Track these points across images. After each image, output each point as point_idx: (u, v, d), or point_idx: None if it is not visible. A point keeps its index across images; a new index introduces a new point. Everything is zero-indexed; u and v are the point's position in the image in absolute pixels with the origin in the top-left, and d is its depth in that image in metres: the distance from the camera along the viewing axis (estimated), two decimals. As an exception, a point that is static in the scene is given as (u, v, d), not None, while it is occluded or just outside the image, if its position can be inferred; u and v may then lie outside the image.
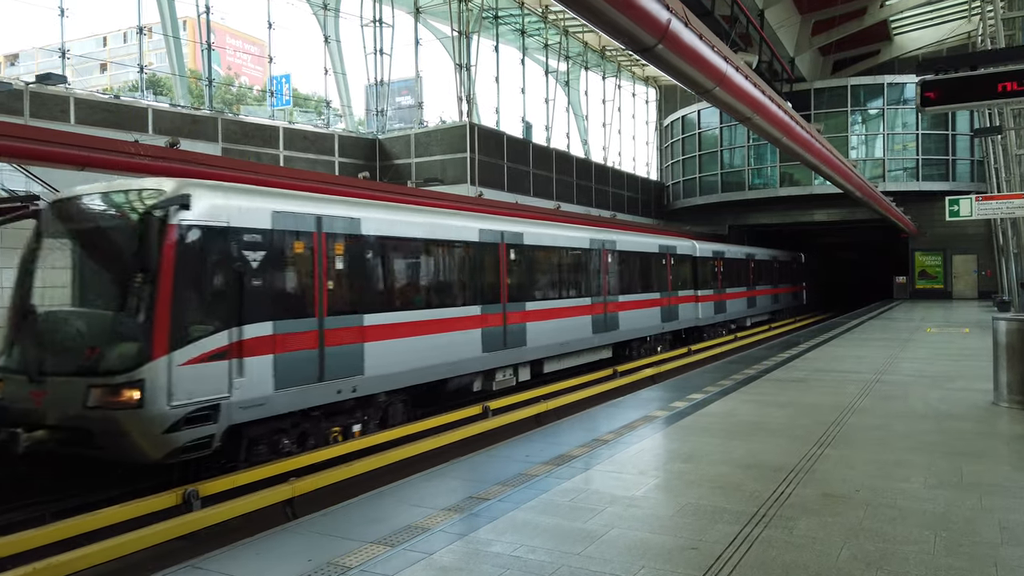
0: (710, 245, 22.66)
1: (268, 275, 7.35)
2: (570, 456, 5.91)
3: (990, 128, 18.56)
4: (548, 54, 33.09)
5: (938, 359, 12.18)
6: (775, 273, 30.72)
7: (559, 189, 31.28)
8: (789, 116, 10.43)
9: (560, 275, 13.03)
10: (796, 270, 35.12)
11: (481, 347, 10.82)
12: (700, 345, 21.72)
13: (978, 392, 8.73)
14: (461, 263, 10.68)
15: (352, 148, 27.13)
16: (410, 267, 9.74)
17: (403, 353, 9.15)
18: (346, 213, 8.51)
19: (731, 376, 10.57)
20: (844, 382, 9.73)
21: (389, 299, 9.16)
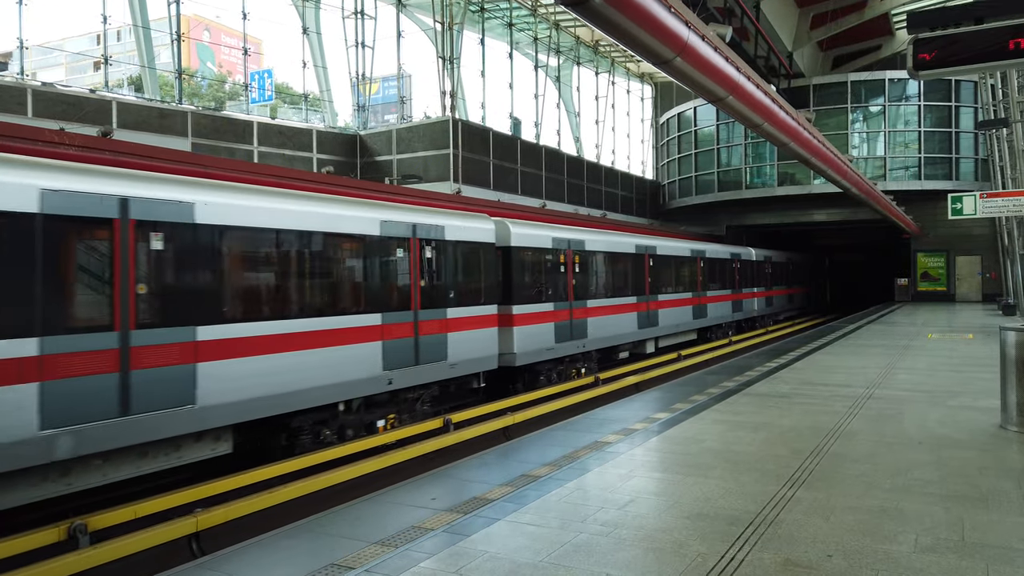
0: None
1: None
2: (485, 500, 4.86)
3: (996, 121, 17.48)
4: (537, 48, 32.05)
5: (939, 370, 11.09)
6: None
7: (549, 187, 30.26)
8: (764, 93, 9.39)
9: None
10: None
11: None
12: (689, 351, 20.75)
13: (983, 412, 7.65)
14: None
15: (331, 144, 26.14)
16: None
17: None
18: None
19: (707, 390, 9.51)
20: (832, 398, 8.66)
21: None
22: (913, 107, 32.50)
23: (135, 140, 14.96)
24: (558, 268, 12.95)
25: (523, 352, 12.01)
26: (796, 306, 34.93)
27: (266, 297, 7.77)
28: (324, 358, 8.08)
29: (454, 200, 16.74)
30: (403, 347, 9.27)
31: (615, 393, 13.79)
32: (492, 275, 11.26)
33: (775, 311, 31.19)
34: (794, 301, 34.38)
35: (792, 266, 34.00)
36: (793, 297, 34.21)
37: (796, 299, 34.86)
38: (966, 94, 32.41)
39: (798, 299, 35.26)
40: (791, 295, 33.75)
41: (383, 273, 9.15)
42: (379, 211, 9.21)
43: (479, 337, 10.82)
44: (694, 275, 21.15)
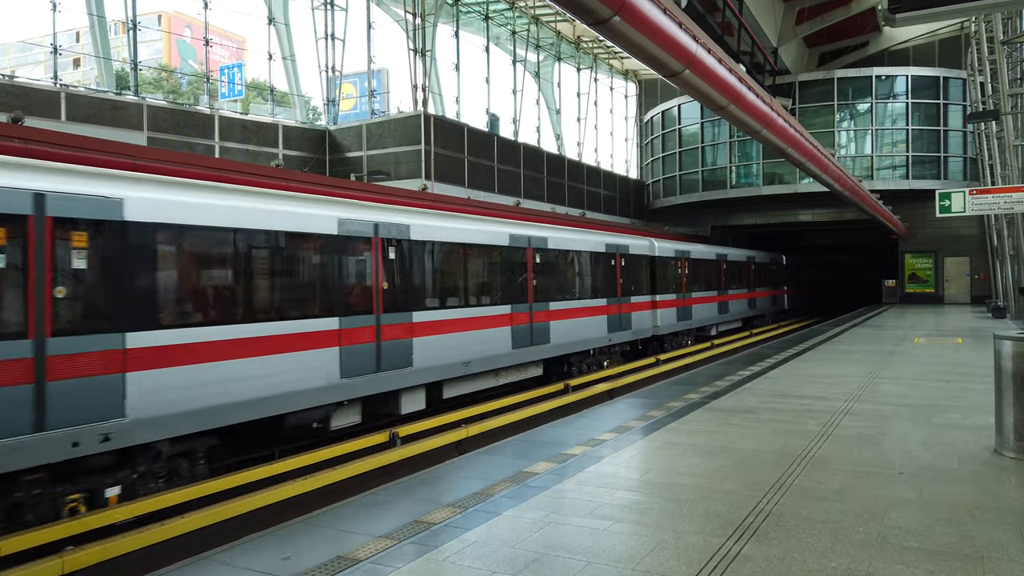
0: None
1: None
2: (350, 559, 3.82)
3: (986, 113, 16.63)
4: (516, 42, 31.07)
5: (925, 380, 10.15)
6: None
7: (527, 186, 29.29)
8: (728, 69, 8.38)
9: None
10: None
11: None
12: (668, 355, 19.83)
13: (975, 432, 6.69)
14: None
15: (299, 140, 25.05)
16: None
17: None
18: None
19: (668, 403, 8.51)
20: (805, 414, 7.68)
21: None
22: (901, 105, 31.77)
23: (87, 134, 13.83)
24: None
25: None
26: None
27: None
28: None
29: (417, 197, 15.73)
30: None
31: (584, 401, 12.86)
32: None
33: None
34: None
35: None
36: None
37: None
38: (955, 92, 31.70)
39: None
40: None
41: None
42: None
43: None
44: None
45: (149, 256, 6.43)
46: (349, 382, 8.51)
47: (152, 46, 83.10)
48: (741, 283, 26.10)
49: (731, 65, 8.22)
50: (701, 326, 23.21)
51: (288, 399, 7.71)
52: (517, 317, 11.65)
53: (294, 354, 7.68)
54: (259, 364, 7.28)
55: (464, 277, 10.62)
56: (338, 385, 8.35)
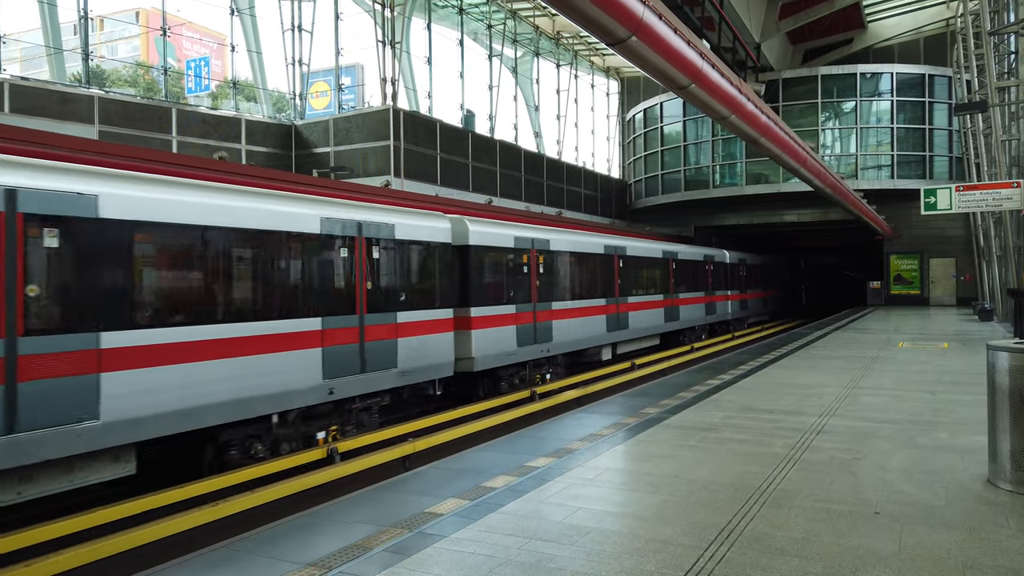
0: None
1: None
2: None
3: (974, 104, 15.84)
4: (492, 36, 30.13)
5: (909, 390, 9.27)
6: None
7: (504, 184, 28.38)
8: (686, 41, 7.44)
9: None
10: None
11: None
12: (643, 360, 18.98)
13: (964, 456, 5.79)
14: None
15: (263, 135, 23.98)
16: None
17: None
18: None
19: (624, 420, 7.57)
20: (773, 432, 6.76)
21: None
22: (886, 103, 31.12)
23: (32, 127, 12.84)
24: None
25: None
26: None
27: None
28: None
29: (381, 194, 14.78)
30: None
31: (551, 409, 11.98)
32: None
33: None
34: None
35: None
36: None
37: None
38: (940, 90, 31.09)
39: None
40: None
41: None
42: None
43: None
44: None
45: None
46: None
47: (131, 43, 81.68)
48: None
49: (689, 37, 7.27)
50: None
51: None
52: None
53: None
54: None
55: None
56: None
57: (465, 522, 4.38)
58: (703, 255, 23.88)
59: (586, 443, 6.48)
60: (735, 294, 27.08)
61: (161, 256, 6.79)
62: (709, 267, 24.17)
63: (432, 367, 10.43)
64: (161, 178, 7.14)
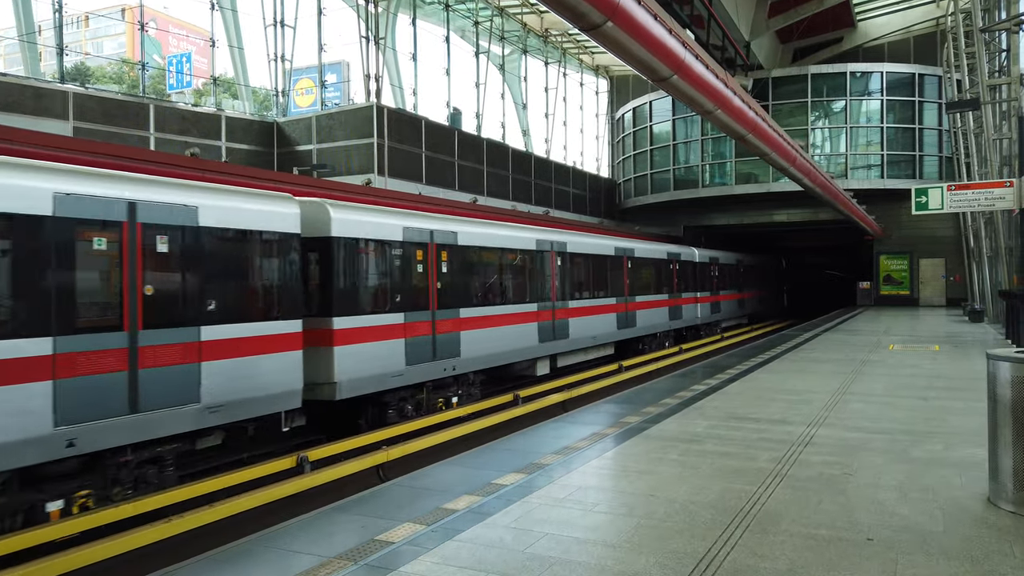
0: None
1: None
2: None
3: (966, 102, 15.57)
4: (479, 33, 29.69)
5: (901, 396, 8.92)
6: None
7: (491, 183, 27.96)
8: (667, 29, 7.04)
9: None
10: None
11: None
12: (631, 361, 18.62)
13: (962, 471, 5.42)
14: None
15: (244, 132, 23.44)
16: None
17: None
18: None
19: (603, 430, 7.17)
20: (758, 444, 6.38)
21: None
22: (876, 102, 30.92)
23: (4, 123, 12.24)
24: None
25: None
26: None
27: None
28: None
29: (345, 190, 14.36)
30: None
31: (532, 415, 11.56)
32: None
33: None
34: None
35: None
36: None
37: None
38: (930, 89, 30.92)
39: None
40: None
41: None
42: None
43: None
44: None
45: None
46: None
47: (117, 40, 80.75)
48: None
49: (671, 25, 6.87)
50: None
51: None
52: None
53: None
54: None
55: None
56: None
57: (417, 552, 3.96)
58: (666, 252, 21.21)
59: (560, 456, 6.07)
60: (705, 296, 24.32)
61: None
62: (674, 266, 21.50)
63: (264, 399, 7.83)
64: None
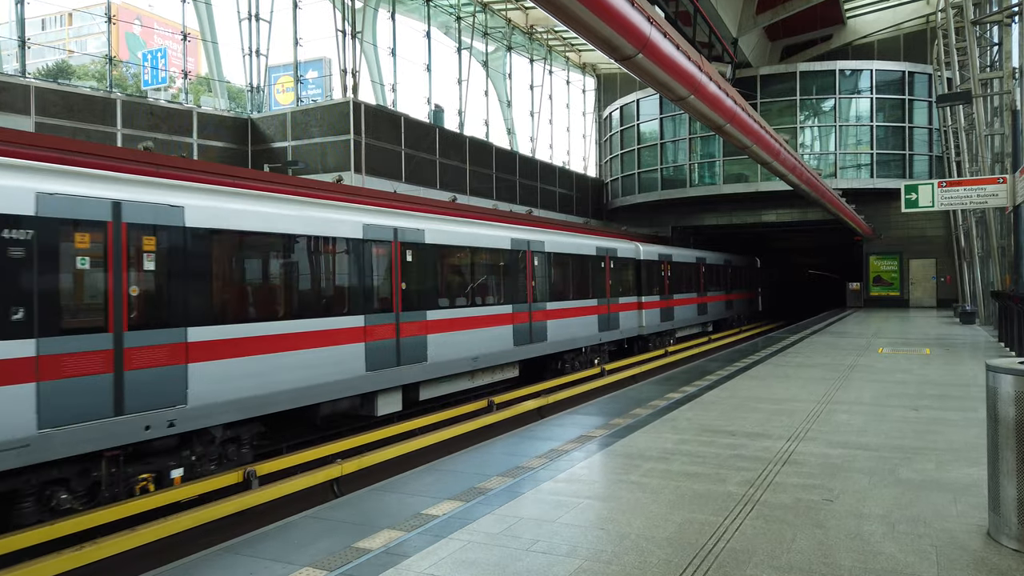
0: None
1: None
2: None
3: (957, 94, 15.03)
4: (460, 28, 29.04)
5: (890, 406, 8.30)
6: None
7: (475, 182, 27.33)
8: (633, 4, 6.40)
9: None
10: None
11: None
12: (613, 365, 18.00)
13: (958, 496, 4.79)
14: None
15: (217, 128, 22.70)
16: None
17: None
18: None
19: (562, 445, 6.50)
20: (731, 462, 5.73)
21: None
22: (865, 100, 30.45)
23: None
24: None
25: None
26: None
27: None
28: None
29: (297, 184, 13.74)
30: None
31: (510, 421, 10.93)
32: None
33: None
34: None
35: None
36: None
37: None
38: (920, 87, 30.48)
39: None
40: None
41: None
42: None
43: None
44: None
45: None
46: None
47: (100, 38, 79.82)
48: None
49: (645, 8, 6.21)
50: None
51: None
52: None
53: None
54: None
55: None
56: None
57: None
58: (596, 247, 16.82)
59: (508, 479, 5.40)
60: (653, 301, 20.12)
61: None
62: (606, 264, 17.24)
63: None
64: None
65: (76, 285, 6.38)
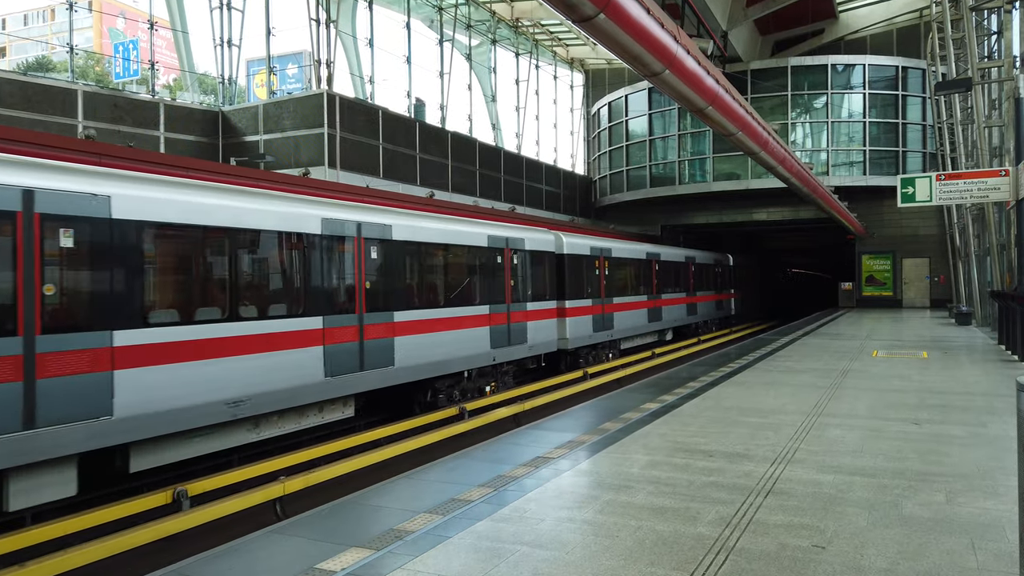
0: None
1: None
2: None
3: (957, 81, 14.24)
4: (443, 19, 28.14)
5: (889, 418, 7.47)
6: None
7: (457, 179, 26.45)
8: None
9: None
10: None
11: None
12: (596, 368, 17.17)
13: (976, 539, 3.94)
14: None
15: (186, 122, 21.74)
16: None
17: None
18: None
19: (512, 471, 5.63)
20: (705, 492, 4.87)
21: None
22: (858, 96, 29.75)
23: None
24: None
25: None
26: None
27: None
28: None
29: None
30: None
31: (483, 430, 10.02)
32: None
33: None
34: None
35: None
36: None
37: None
38: (914, 83, 29.78)
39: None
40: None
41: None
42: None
43: None
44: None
45: None
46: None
47: (83, 34, 78.66)
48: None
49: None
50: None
51: None
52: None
53: None
54: None
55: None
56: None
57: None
58: (487, 237, 12.27)
59: (437, 517, 4.52)
60: (582, 306, 16.00)
61: None
62: (505, 260, 12.81)
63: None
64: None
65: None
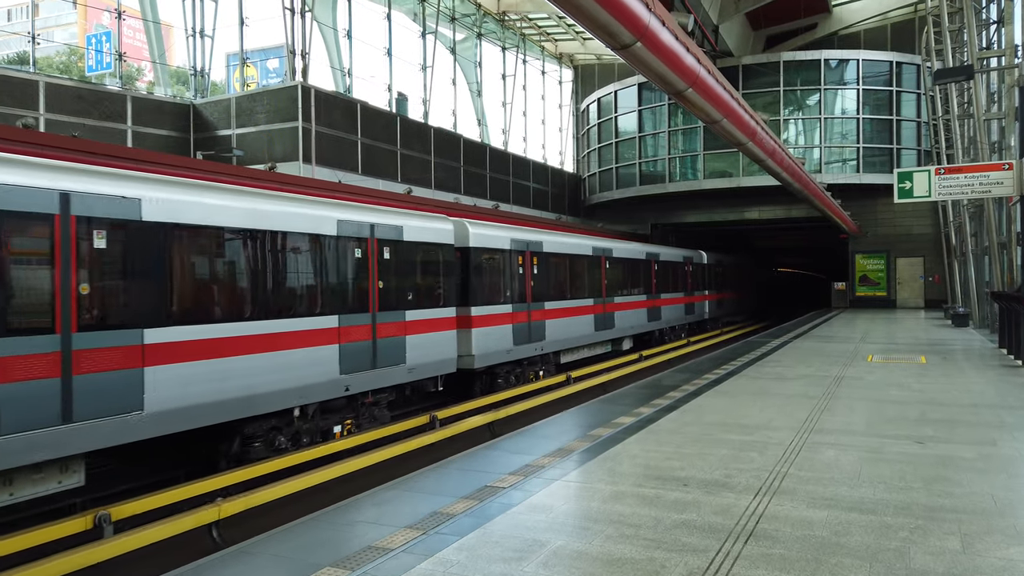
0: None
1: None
2: None
3: (958, 69, 13.53)
4: (425, 12, 27.30)
5: (889, 436, 6.70)
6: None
7: (440, 175, 25.62)
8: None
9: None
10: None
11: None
12: (579, 372, 16.40)
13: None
14: None
15: (155, 115, 20.84)
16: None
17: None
18: None
19: (451, 506, 4.83)
20: (674, 535, 4.07)
21: None
22: (851, 92, 29.08)
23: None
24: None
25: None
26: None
27: None
28: None
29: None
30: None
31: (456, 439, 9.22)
32: None
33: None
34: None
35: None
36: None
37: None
38: (908, 79, 29.13)
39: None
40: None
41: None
42: None
43: None
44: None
45: None
46: None
47: (68, 29, 77.47)
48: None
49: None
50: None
51: None
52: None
53: None
54: None
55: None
56: None
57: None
58: (336, 223, 8.98)
59: (342, 572, 3.70)
60: (498, 313, 13.10)
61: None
62: (372, 256, 9.66)
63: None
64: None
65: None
